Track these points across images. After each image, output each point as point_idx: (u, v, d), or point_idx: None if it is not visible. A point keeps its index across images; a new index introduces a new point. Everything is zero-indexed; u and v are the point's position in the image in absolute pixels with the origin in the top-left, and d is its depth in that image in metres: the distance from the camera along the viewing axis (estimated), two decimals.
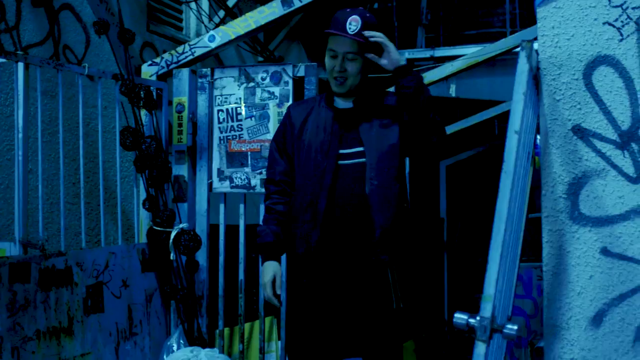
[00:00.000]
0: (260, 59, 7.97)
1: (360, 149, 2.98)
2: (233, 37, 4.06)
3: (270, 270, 3.05)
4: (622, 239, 2.50)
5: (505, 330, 2.28)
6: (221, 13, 6.93)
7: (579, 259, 2.54)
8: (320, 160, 2.98)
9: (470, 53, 7.12)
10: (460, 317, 2.34)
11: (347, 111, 3.04)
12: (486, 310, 2.24)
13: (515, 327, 2.29)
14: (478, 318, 2.26)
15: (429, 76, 6.68)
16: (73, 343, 3.43)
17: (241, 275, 4.07)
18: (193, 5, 6.27)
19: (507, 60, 7.35)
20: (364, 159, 2.97)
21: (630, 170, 2.51)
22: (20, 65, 3.29)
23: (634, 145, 2.50)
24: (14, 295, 3.10)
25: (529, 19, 11.07)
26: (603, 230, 2.53)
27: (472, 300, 10.44)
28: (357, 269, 2.95)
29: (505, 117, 8.50)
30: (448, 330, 9.26)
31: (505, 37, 10.84)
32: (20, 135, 3.29)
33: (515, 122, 2.22)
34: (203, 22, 6.54)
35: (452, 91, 8.57)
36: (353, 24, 2.92)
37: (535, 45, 5.49)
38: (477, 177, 11.32)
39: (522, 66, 2.21)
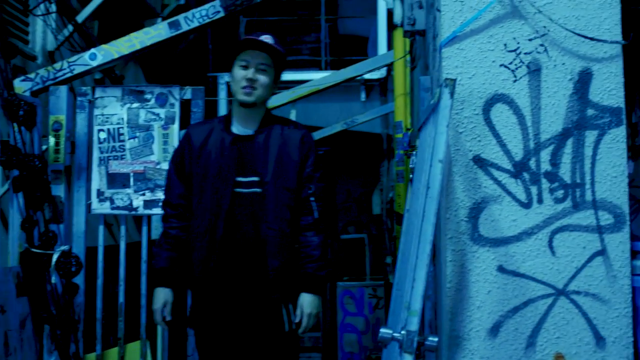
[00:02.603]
0: (98, 76, 7.82)
1: (256, 178, 3.06)
2: (116, 56, 4.03)
3: (162, 297, 3.09)
4: (516, 257, 2.81)
5: (427, 343, 2.49)
6: (71, 28, 6.77)
7: (479, 276, 2.81)
8: (218, 186, 3.03)
9: (315, 80, 7.41)
10: (385, 331, 2.52)
11: (246, 138, 3.11)
12: (413, 324, 2.44)
13: (436, 340, 2.50)
14: (404, 332, 2.45)
15: (274, 101, 6.89)
16: None
17: (121, 298, 4.02)
18: (49, 18, 6.07)
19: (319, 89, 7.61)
20: (259, 189, 3.05)
21: (522, 196, 2.82)
22: None
23: (525, 174, 2.82)
24: None
25: (337, 49, 11.64)
26: (499, 250, 2.82)
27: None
28: (254, 299, 3.07)
29: (322, 142, 8.86)
30: None
31: (318, 64, 11.35)
32: None
33: (439, 152, 2.45)
34: (55, 34, 6.35)
35: (293, 116, 8.81)
36: (267, 40, 3.05)
37: (365, 75, 5.71)
38: None
39: (446, 102, 2.45)
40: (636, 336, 2.85)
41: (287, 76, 9.62)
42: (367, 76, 9.58)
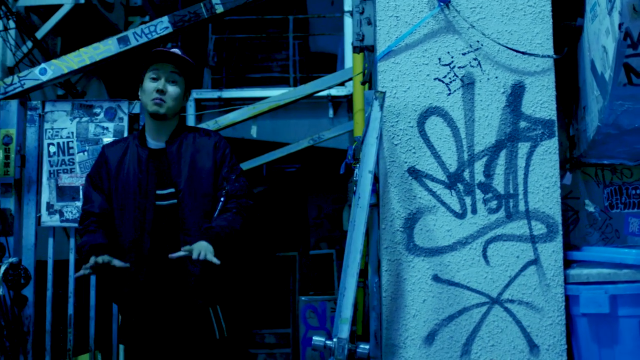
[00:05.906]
0: (61, 92, 7.81)
1: (172, 189, 3.05)
2: (66, 71, 4.04)
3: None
4: (450, 267, 2.86)
5: (359, 350, 2.53)
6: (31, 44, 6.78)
7: (414, 285, 2.86)
8: (140, 201, 3.02)
9: (276, 96, 7.44)
10: (318, 339, 2.56)
11: (160, 151, 3.10)
12: (344, 331, 2.48)
13: (368, 347, 2.54)
14: (335, 339, 2.49)
15: (232, 117, 6.94)
16: None
17: (70, 310, 4.02)
18: (8, 34, 6.07)
19: (288, 105, 7.63)
20: (175, 200, 3.04)
21: (456, 207, 2.88)
22: None
23: (459, 185, 2.88)
24: None
25: (307, 66, 11.72)
26: (434, 259, 2.87)
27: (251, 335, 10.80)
28: (180, 307, 3.04)
29: (290, 158, 8.92)
30: None
31: (288, 81, 11.42)
32: None
33: (369, 163, 2.50)
34: (12, 50, 6.36)
35: (254, 132, 8.82)
36: (174, 51, 3.09)
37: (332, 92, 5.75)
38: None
39: (376, 114, 2.50)
40: (570, 344, 2.91)
41: (256, 93, 9.63)
42: (334, 93, 9.65)
